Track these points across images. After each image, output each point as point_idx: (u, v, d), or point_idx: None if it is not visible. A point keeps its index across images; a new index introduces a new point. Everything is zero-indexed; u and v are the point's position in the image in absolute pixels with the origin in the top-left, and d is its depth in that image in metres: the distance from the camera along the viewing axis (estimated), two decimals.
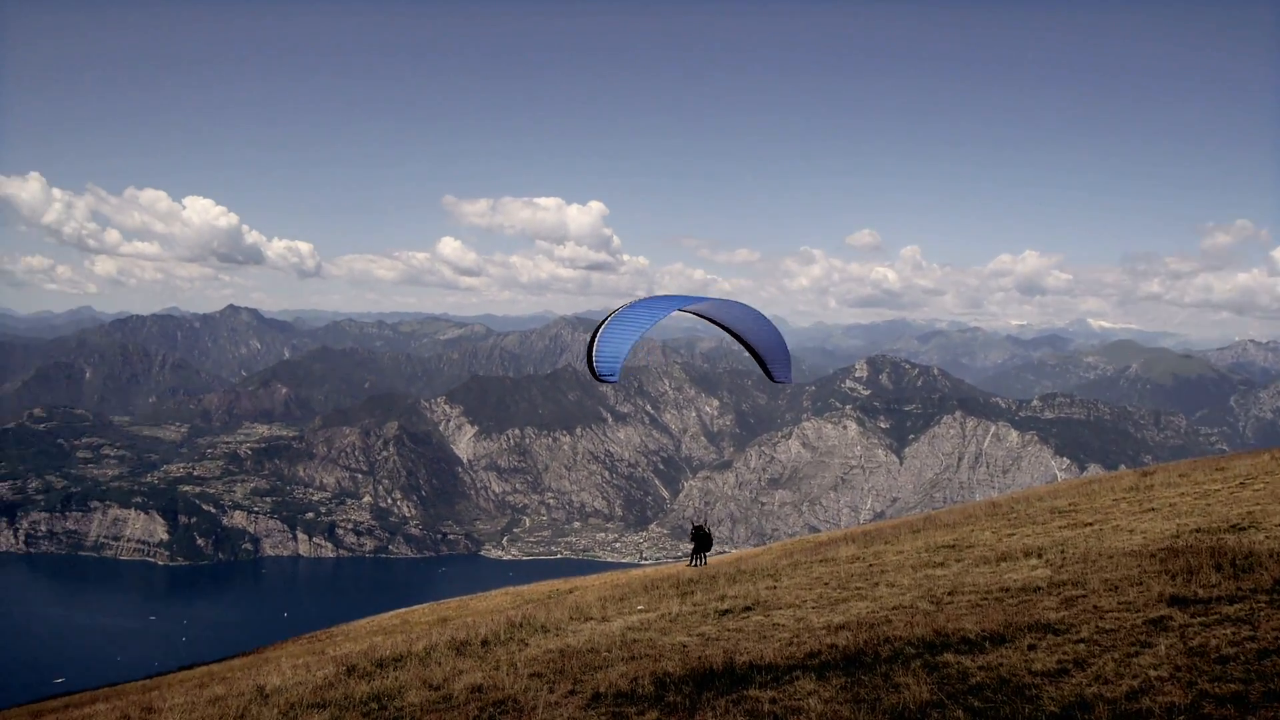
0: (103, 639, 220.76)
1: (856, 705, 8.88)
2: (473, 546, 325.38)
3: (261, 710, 12.83)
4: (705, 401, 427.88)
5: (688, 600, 18.81)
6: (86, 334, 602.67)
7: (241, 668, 40.49)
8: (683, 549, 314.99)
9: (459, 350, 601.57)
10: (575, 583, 56.66)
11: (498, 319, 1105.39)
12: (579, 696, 10.76)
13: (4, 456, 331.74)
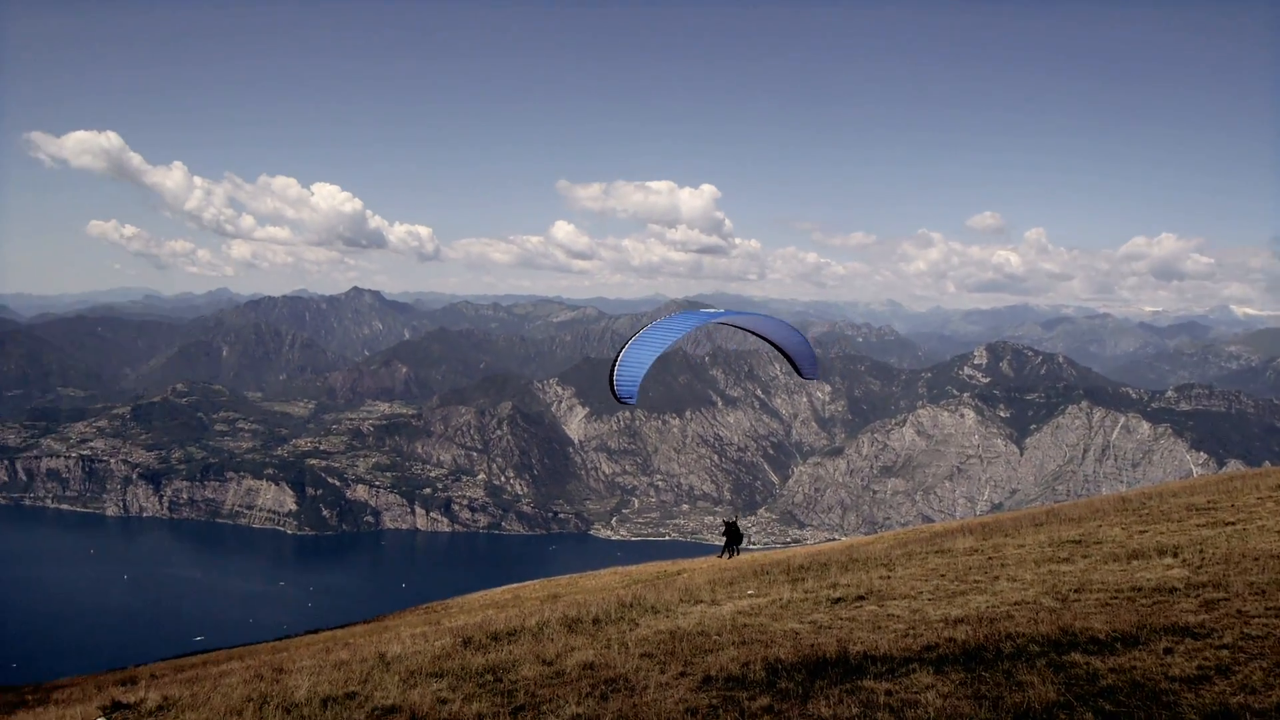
0: (236, 601, 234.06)
1: (977, 702, 8.59)
2: (582, 526, 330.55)
3: (384, 677, 13.32)
4: (817, 387, 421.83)
5: (799, 587, 18.60)
6: (224, 314, 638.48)
7: (363, 634, 42.29)
8: (793, 534, 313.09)
9: (571, 333, 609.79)
10: (683, 564, 56.85)
11: (609, 302, 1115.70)
12: (690, 679, 10.77)
13: (150, 428, 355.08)
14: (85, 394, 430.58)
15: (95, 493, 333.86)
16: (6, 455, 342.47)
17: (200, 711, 12.55)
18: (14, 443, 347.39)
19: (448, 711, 10.32)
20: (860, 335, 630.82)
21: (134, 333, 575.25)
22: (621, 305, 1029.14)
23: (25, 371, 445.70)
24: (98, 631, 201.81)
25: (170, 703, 14.07)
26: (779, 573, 22.94)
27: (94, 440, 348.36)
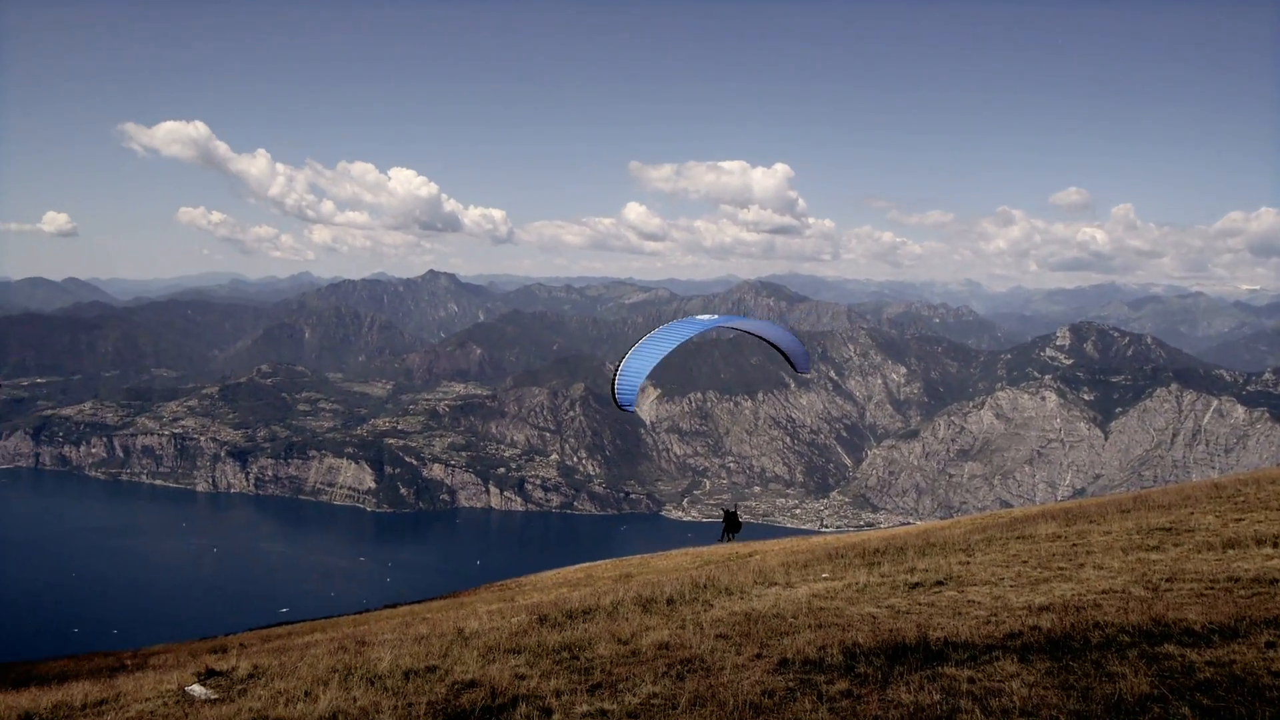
0: (318, 575, 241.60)
1: (1065, 692, 8.34)
2: (654, 506, 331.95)
3: (462, 651, 13.57)
4: (892, 368, 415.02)
5: (875, 571, 18.37)
6: (306, 297, 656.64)
7: (440, 609, 43.26)
8: (866, 518, 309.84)
9: (643, 314, 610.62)
10: (755, 546, 56.67)
11: (681, 283, 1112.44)
12: (766, 660, 10.71)
13: (237, 408, 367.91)
14: (177, 374, 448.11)
15: (186, 469, 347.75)
16: (105, 433, 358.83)
17: (288, 680, 12.95)
18: (112, 421, 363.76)
19: (526, 687, 10.46)
20: (937, 316, 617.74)
21: (221, 316, 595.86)
22: (693, 286, 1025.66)
23: (122, 353, 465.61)
24: (189, 601, 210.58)
25: (260, 671, 14.57)
26: (854, 556, 22.69)
27: (185, 419, 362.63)
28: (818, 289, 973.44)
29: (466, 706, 9.84)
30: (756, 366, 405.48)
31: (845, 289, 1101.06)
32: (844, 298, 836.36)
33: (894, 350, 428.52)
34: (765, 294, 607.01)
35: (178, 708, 12.20)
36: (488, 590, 57.80)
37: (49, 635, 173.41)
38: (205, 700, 12.69)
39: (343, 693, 11.20)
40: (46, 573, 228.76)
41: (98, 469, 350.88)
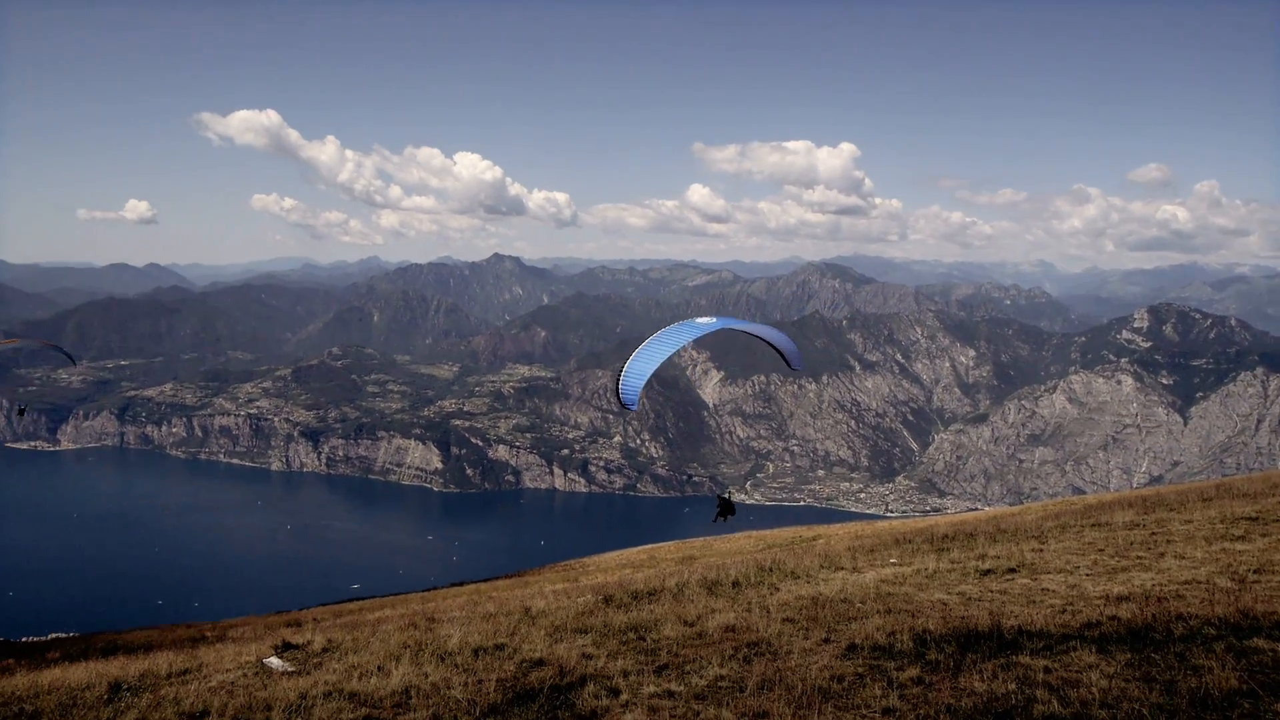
0: (387, 552, 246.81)
1: (1147, 685, 8.09)
2: (716, 489, 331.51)
3: (530, 630, 13.74)
4: (960, 351, 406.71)
5: (944, 557, 18.08)
6: (374, 281, 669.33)
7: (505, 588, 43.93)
8: (932, 503, 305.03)
9: (706, 296, 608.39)
10: (819, 530, 56.37)
11: (745, 265, 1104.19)
12: (834, 645, 10.62)
13: (309, 389, 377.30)
14: (252, 357, 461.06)
15: (261, 448, 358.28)
16: (185, 413, 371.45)
17: (361, 655, 13.26)
18: (191, 401, 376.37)
19: (593, 667, 10.54)
20: (1008, 298, 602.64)
21: (293, 299, 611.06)
22: (757, 269, 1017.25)
23: (200, 336, 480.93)
24: (264, 576, 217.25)
25: (334, 645, 14.94)
26: (922, 542, 22.37)
27: (260, 400, 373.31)
28: (884, 270, 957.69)
29: (535, 685, 9.95)
30: (821, 349, 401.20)
31: (913, 270, 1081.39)
32: (911, 279, 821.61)
33: (963, 332, 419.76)
34: (830, 276, 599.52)
35: (257, 679, 12.57)
36: (551, 570, 58.49)
37: (135, 606, 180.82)
38: (283, 672, 13.06)
39: (414, 668, 11.42)
40: (131, 547, 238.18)
41: (178, 448, 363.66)
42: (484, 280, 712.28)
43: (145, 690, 12.79)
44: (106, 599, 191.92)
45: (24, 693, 13.75)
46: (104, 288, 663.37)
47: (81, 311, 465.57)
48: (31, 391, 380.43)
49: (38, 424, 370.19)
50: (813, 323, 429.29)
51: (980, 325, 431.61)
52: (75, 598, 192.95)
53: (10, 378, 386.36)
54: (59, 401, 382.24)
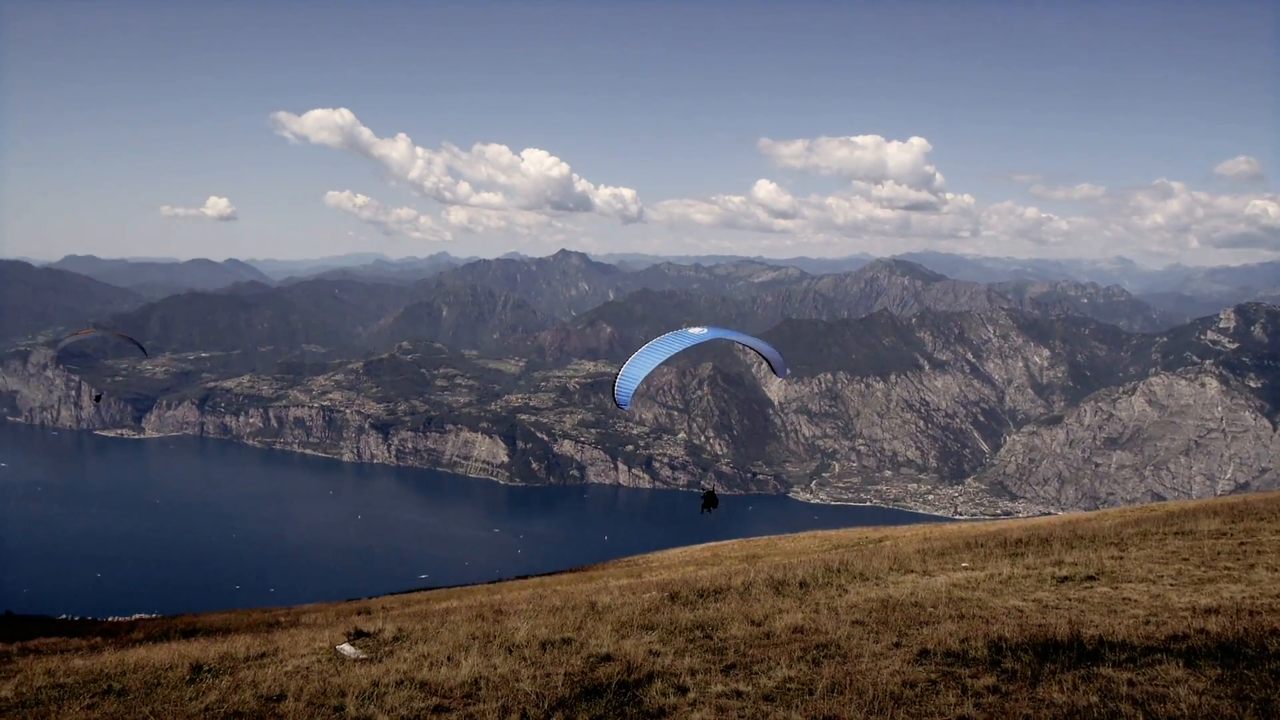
0: (453, 544, 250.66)
1: (1240, 703, 7.74)
2: (781, 488, 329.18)
3: (596, 625, 13.78)
4: (1034, 351, 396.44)
5: (1019, 562, 17.64)
6: (444, 277, 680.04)
7: (569, 581, 44.24)
8: (1003, 506, 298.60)
9: (773, 293, 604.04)
10: (885, 531, 55.51)
11: (812, 262, 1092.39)
12: (905, 650, 10.42)
13: (380, 382, 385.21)
14: (325, 350, 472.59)
15: (333, 440, 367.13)
16: (261, 404, 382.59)
17: (431, 645, 13.45)
18: (267, 393, 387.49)
19: (660, 664, 10.51)
20: (1085, 296, 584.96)
21: (365, 294, 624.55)
22: (824, 265, 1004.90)
23: (276, 329, 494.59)
24: (335, 564, 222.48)
25: (404, 635, 15.20)
26: (994, 546, 21.87)
27: (332, 392, 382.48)
28: (955, 267, 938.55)
29: (603, 680, 9.97)
30: (889, 347, 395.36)
31: (985, 267, 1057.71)
32: (983, 276, 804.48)
33: (1037, 332, 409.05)
34: (899, 272, 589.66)
35: (330, 665, 12.85)
36: (615, 565, 58.73)
37: (213, 590, 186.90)
38: (355, 660, 13.32)
39: (483, 660, 11.54)
40: (210, 533, 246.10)
41: (255, 438, 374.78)
42: (550, 276, 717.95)
43: (224, 672, 13.18)
44: (186, 582, 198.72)
45: (112, 670, 14.28)
46: (186, 282, 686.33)
47: (165, 305, 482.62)
48: (118, 382, 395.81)
49: (124, 413, 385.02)
50: (881, 320, 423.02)
51: (1055, 324, 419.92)
52: (157, 580, 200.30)
53: (99, 368, 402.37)
54: (144, 392, 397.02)
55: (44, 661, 17.35)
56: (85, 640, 25.12)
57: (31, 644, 24.13)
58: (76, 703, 11.76)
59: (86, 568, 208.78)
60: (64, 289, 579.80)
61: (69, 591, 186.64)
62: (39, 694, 12.64)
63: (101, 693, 12.35)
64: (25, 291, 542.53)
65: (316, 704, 10.17)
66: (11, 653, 20.66)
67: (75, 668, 15.10)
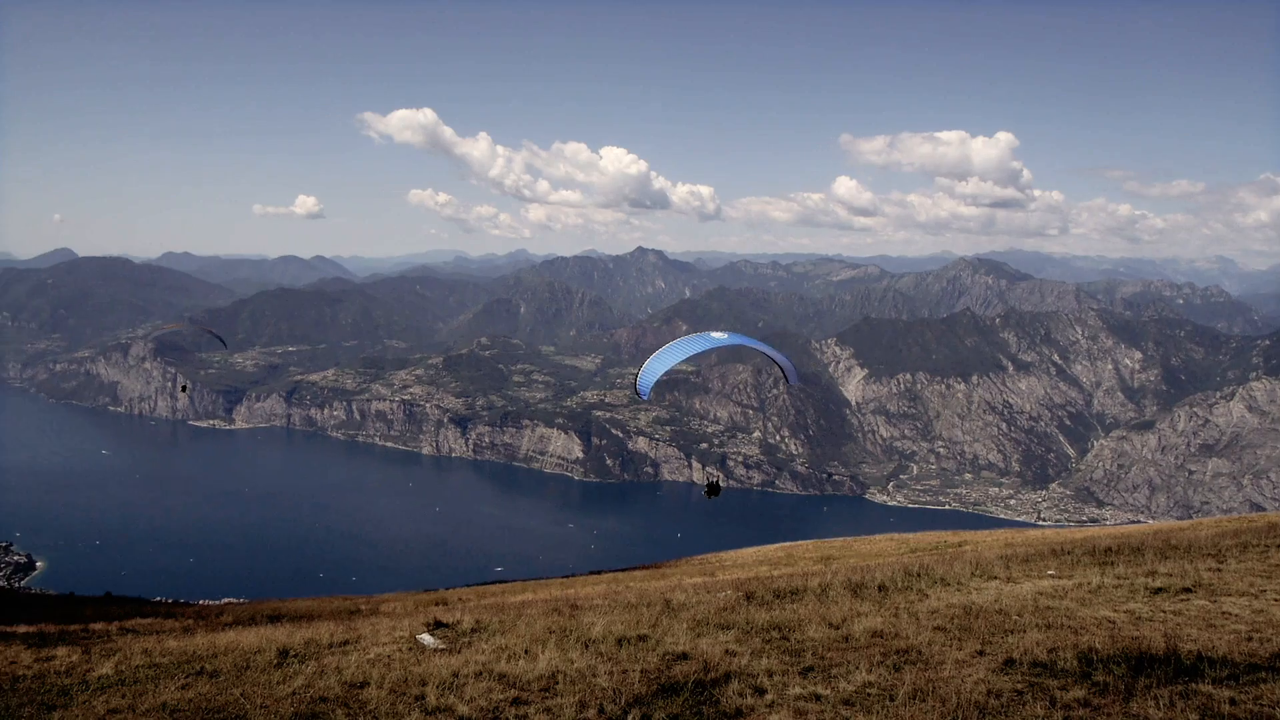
0: (528, 538, 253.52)
1: None
2: (857, 489, 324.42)
3: (671, 623, 13.76)
4: (1125, 353, 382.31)
5: (1108, 572, 17.03)
6: (522, 274, 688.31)
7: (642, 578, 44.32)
8: (1089, 513, 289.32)
9: (851, 292, 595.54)
10: (965, 536, 54.21)
11: (892, 260, 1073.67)
12: (989, 659, 10.15)
13: (459, 377, 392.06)
14: (406, 345, 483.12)
15: (413, 433, 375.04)
16: (345, 397, 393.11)
17: (508, 637, 13.62)
18: (350, 387, 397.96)
19: (737, 664, 10.45)
20: (1180, 296, 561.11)
21: (446, 291, 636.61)
22: (905, 263, 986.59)
23: (359, 325, 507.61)
24: (413, 554, 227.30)
25: (482, 626, 15.43)
26: (1082, 554, 21.18)
27: (413, 386, 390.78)
28: (1042, 266, 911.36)
29: (680, 679, 9.95)
30: (971, 348, 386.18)
31: (1073, 266, 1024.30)
32: (1072, 275, 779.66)
33: (1128, 333, 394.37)
34: (983, 271, 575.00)
35: (411, 654, 13.11)
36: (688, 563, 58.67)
37: (297, 576, 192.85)
38: (435, 649, 13.57)
39: (560, 654, 11.63)
40: (294, 522, 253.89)
41: (338, 430, 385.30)
42: (627, 273, 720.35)
43: (310, 658, 13.56)
44: (271, 568, 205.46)
45: (204, 652, 14.83)
46: (275, 279, 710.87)
47: (255, 301, 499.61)
48: (211, 374, 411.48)
49: (216, 404, 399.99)
50: (963, 320, 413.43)
51: (1148, 325, 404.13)
52: (245, 565, 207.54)
53: (193, 361, 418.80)
54: (235, 384, 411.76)
55: (141, 641, 18.12)
56: (179, 622, 26.15)
57: (129, 624, 25.21)
58: (172, 683, 12.24)
59: (180, 552, 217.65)
60: (162, 284, 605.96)
61: (164, 574, 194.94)
62: (137, 673, 13.20)
63: (195, 673, 12.83)
64: (126, 287, 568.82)
65: (398, 692, 10.38)
66: (111, 632, 21.63)
67: (170, 648, 15.74)
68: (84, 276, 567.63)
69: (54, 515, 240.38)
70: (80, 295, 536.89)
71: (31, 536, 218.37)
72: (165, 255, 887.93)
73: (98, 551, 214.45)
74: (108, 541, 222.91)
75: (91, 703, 11.16)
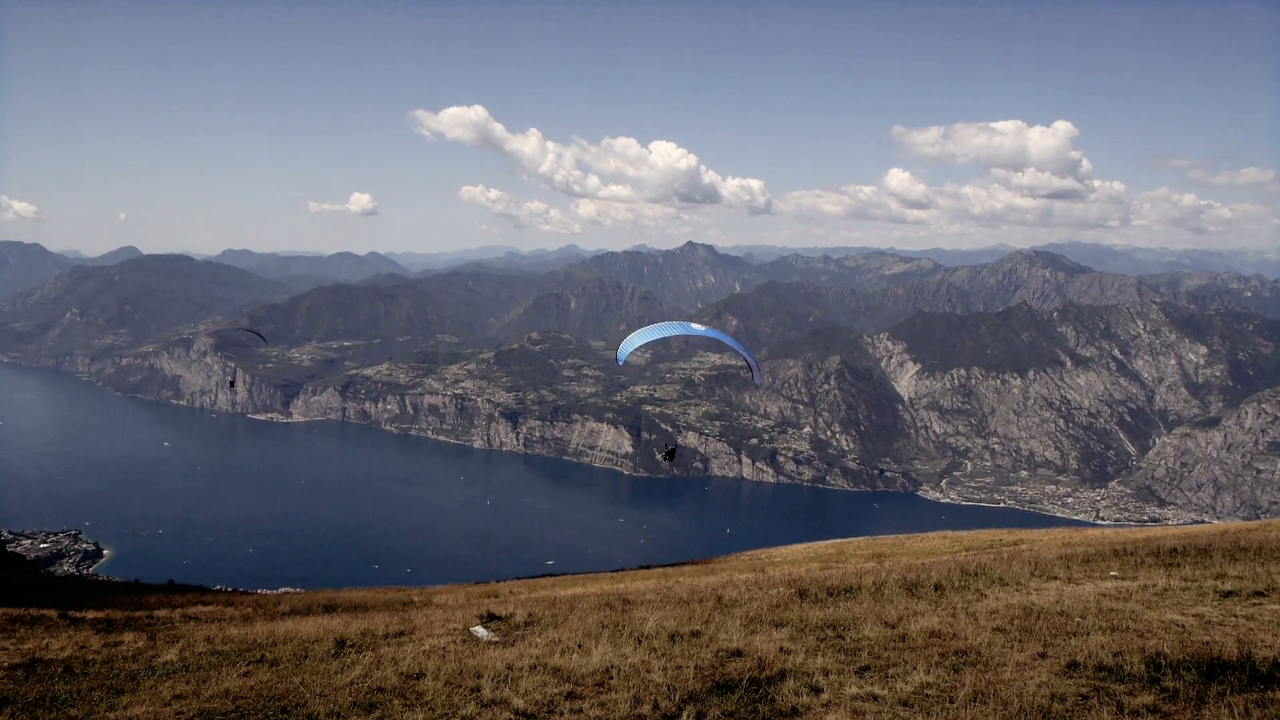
0: (577, 532, 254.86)
1: None
2: (909, 486, 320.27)
3: (724, 619, 13.69)
4: (1189, 348, 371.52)
5: (1174, 573, 16.56)
6: (572, 269, 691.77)
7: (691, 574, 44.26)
8: (1150, 512, 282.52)
9: (904, 285, 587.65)
10: (1021, 535, 53.19)
11: (946, 253, 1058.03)
12: (1051, 661, 9.92)
13: (510, 372, 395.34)
14: (458, 340, 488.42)
15: (465, 427, 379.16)
16: (399, 392, 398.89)
17: (561, 630, 13.67)
18: (404, 381, 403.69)
19: (792, 662, 10.34)
20: (1249, 289, 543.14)
21: (497, 286, 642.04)
22: (959, 257, 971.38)
23: (413, 320, 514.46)
24: (464, 547, 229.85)
25: (534, 620, 15.51)
26: (1145, 554, 20.64)
27: (465, 381, 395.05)
28: (1102, 259, 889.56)
29: (734, 676, 9.88)
30: (1028, 343, 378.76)
31: (1135, 258, 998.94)
32: (1133, 268, 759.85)
33: (1192, 327, 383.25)
34: (1040, 265, 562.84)
35: (465, 647, 13.22)
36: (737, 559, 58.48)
37: (351, 567, 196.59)
38: (488, 642, 13.67)
39: (613, 648, 11.63)
40: (349, 513, 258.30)
41: (392, 424, 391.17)
42: (677, 268, 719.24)
43: (366, 648, 13.76)
44: (327, 559, 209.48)
45: (264, 640, 15.13)
46: (330, 275, 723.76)
47: (311, 297, 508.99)
48: (269, 369, 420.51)
49: (274, 397, 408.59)
50: (1019, 314, 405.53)
51: (1214, 319, 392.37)
52: (301, 556, 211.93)
53: (252, 355, 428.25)
54: (292, 378, 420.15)
55: (203, 629, 18.56)
56: (238, 610, 26.75)
57: (191, 611, 25.87)
58: (233, 670, 12.51)
59: (240, 542, 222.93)
60: (222, 281, 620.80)
61: (223, 563, 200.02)
62: (200, 659, 13.51)
63: (255, 661, 13.10)
64: (188, 283, 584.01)
65: (454, 684, 10.47)
66: (174, 619, 22.20)
67: (231, 636, 16.09)
68: (148, 273, 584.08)
69: (120, 505, 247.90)
70: (144, 291, 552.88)
71: (99, 525, 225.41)
72: (225, 252, 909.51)
73: (160, 540, 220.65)
74: (170, 530, 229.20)
75: (158, 688, 11.45)
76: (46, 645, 15.50)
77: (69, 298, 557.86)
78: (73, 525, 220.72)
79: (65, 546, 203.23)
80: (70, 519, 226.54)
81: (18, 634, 17.11)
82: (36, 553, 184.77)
